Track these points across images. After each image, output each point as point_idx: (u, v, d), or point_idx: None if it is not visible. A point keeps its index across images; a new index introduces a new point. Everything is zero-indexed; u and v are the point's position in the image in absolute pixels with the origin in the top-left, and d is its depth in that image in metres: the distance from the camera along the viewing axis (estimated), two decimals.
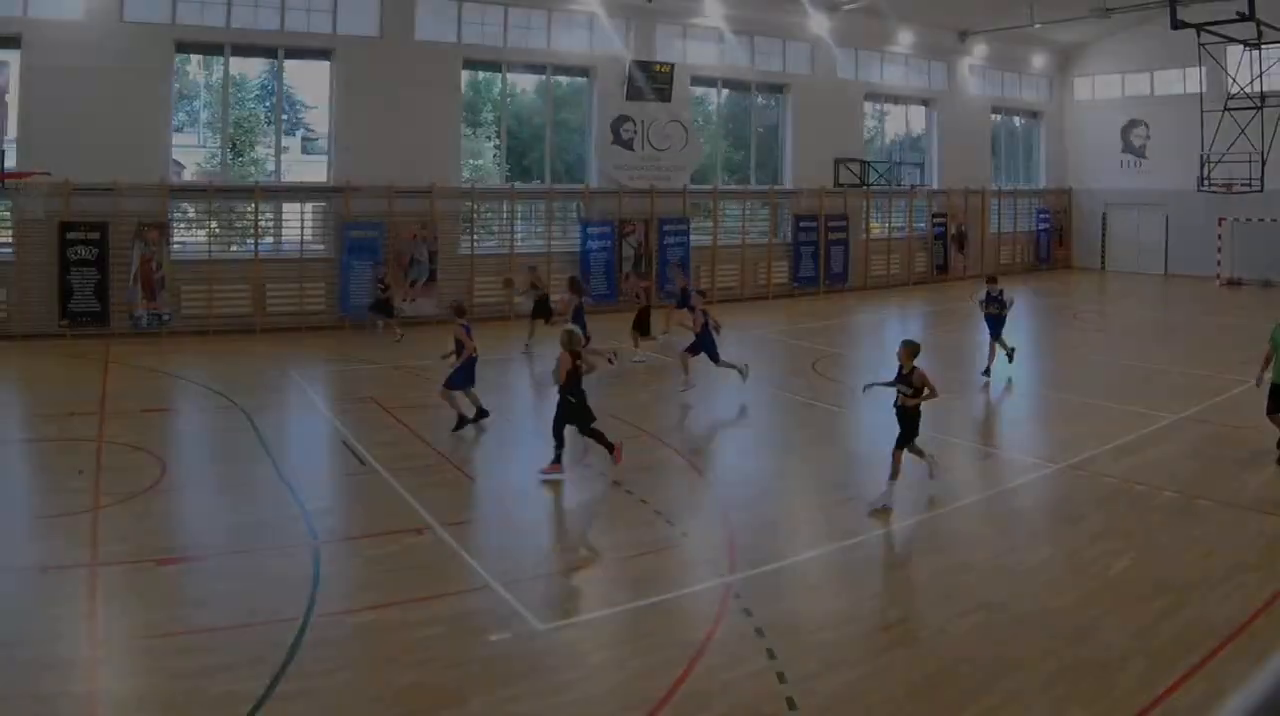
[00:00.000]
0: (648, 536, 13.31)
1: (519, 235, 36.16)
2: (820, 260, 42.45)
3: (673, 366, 23.79)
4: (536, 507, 15.10)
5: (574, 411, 15.82)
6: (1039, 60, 51.16)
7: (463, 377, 18.80)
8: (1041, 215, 52.06)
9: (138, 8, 29.71)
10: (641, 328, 27.40)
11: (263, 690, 8.99)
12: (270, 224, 32.53)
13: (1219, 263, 46.57)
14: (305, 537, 13.13)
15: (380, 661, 9.81)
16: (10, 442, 17.92)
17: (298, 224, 32.44)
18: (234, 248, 31.97)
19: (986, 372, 23.88)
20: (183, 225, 31.92)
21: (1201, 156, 42.68)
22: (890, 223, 46.46)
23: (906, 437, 14.62)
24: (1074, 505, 14.94)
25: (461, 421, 18.52)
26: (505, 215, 36.00)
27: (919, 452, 14.85)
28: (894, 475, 14.35)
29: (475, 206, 35.32)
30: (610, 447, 15.84)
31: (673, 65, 38.09)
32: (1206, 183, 42.86)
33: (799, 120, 42.64)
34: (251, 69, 35.90)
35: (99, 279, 28.83)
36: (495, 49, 35.53)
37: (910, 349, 14.75)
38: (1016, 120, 52.79)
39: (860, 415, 19.95)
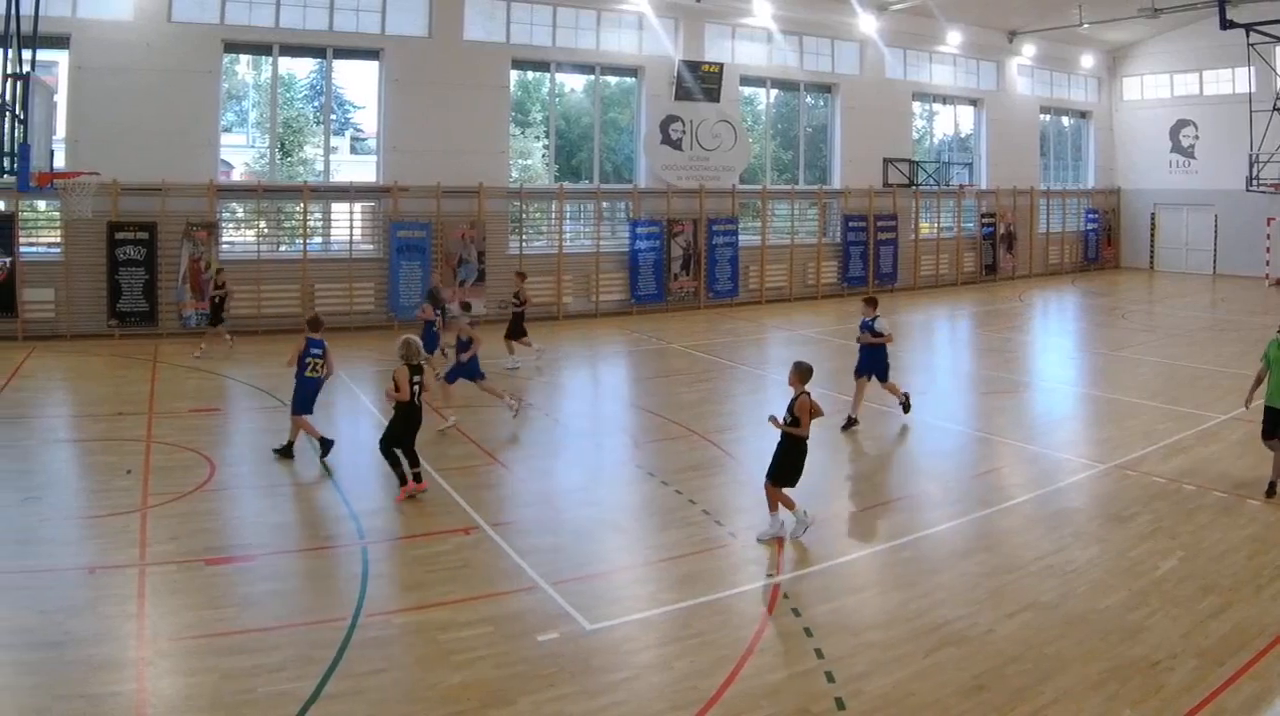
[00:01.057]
0: (696, 536, 13.03)
1: (568, 235, 35.03)
2: (869, 260, 41.15)
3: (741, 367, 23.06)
4: (585, 508, 14.55)
5: (392, 426, 14.67)
6: (1088, 60, 49.50)
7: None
8: (1090, 215, 50.44)
9: (186, 8, 28.90)
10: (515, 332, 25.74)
11: (312, 690, 8.88)
12: (319, 224, 31.64)
13: (1268, 262, 45.15)
14: (353, 538, 12.88)
15: (428, 661, 9.58)
16: (59, 442, 17.47)
17: (346, 224, 31.53)
18: (283, 247, 31.12)
19: (850, 423, 18.54)
20: (231, 225, 31.15)
21: (1250, 156, 41.48)
22: (939, 222, 45.08)
23: (776, 473, 12.94)
24: (1122, 505, 14.47)
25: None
26: (554, 215, 34.84)
27: (789, 503, 12.97)
28: (774, 507, 12.92)
29: (524, 206, 34.30)
30: (402, 480, 14.41)
31: (721, 65, 36.90)
32: (1256, 182, 41.63)
33: (848, 120, 41.29)
34: (300, 69, 35.10)
35: (147, 279, 28.03)
36: (544, 49, 34.52)
37: (800, 372, 13.16)
38: (1065, 120, 51.12)
39: (910, 415, 19.33)
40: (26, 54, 19.08)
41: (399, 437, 14.56)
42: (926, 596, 11.14)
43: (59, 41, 27.05)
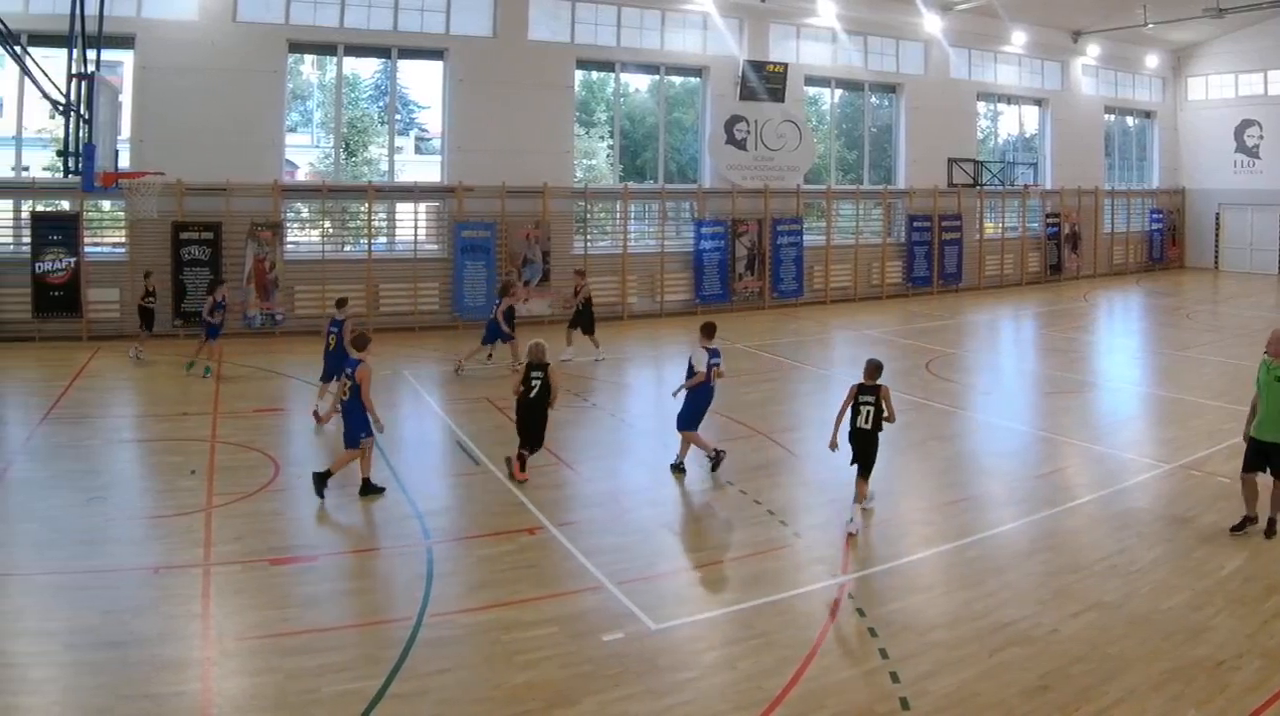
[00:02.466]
0: (761, 536, 12.63)
1: (632, 235, 33.44)
2: (934, 260, 39.21)
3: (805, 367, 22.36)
4: (650, 508, 13.94)
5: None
6: (1152, 60, 47.00)
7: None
8: (1154, 215, 47.98)
9: (251, 7, 27.71)
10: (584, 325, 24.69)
11: (377, 689, 8.64)
12: (383, 224, 30.34)
13: None
14: (418, 537, 12.45)
15: (493, 661, 9.30)
16: (124, 443, 16.80)
17: (411, 224, 30.31)
18: (347, 248, 29.89)
19: (678, 468, 15.32)
20: (296, 225, 29.95)
21: None
22: (1003, 222, 43.01)
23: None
24: (1186, 505, 13.97)
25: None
26: (618, 215, 33.29)
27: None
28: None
29: (589, 206, 32.78)
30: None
31: (786, 65, 35.19)
32: None
33: (912, 120, 39.27)
34: (365, 69, 33.83)
35: (212, 279, 26.45)
36: (608, 49, 32.97)
37: (873, 367, 13.38)
38: (1129, 120, 48.63)
39: (974, 415, 19.30)
40: (91, 54, 18.42)
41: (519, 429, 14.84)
42: (991, 596, 10.76)
43: (124, 41, 26.01)
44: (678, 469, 15.20)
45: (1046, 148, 44.35)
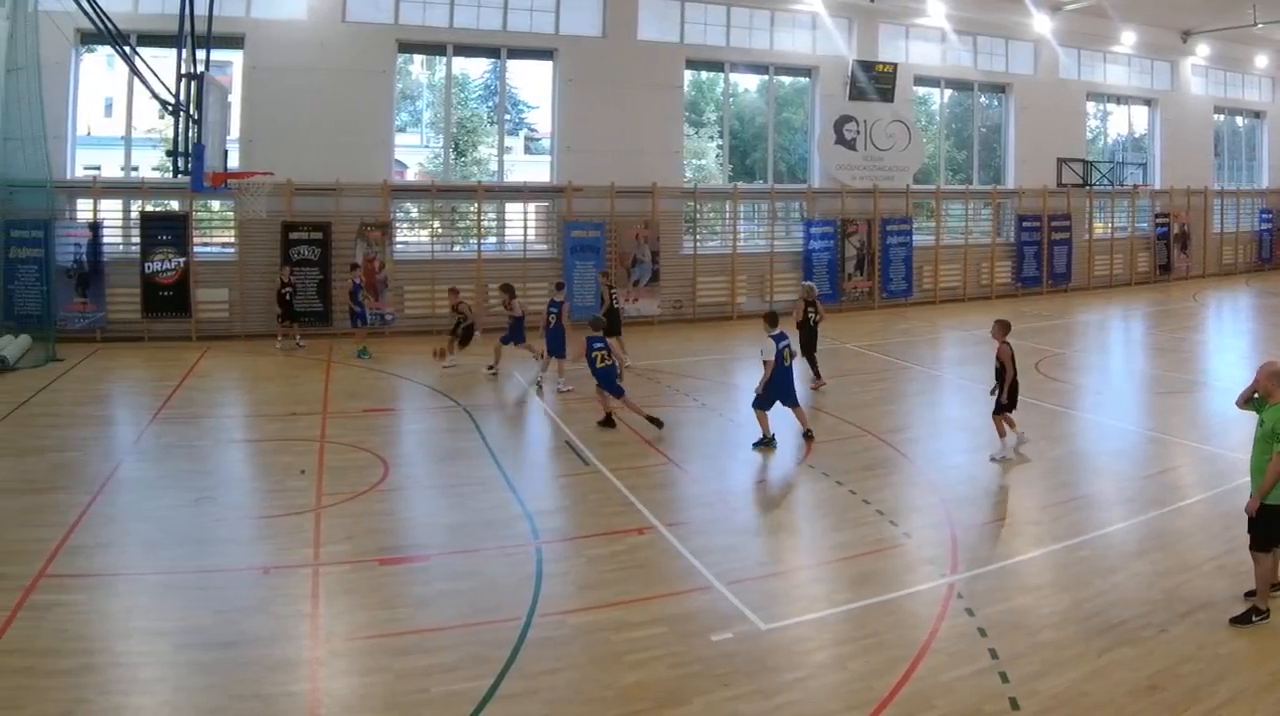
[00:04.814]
0: (870, 536, 11.71)
1: (742, 235, 30.44)
2: (1043, 260, 35.43)
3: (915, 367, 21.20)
4: (759, 508, 13.30)
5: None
6: (1262, 60, 42.24)
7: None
8: (1264, 215, 43.26)
9: (360, 7, 25.29)
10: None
11: (486, 689, 8.02)
12: (493, 224, 27.69)
13: None
14: (528, 537, 11.60)
15: (602, 661, 8.60)
16: (234, 443, 15.90)
17: (520, 224, 27.87)
18: (457, 247, 27.35)
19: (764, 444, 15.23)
20: (405, 225, 27.50)
21: None
22: (1113, 222, 39.01)
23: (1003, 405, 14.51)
24: None
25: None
26: (728, 215, 30.15)
27: (1012, 424, 14.62)
28: (1002, 433, 14.44)
29: (698, 206, 29.75)
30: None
31: (895, 65, 31.84)
32: None
33: (1022, 120, 35.39)
34: (474, 69, 31.24)
35: (321, 279, 24.46)
36: (717, 48, 29.92)
37: (1002, 326, 14.59)
38: (1239, 120, 44.01)
39: (1084, 415, 17.83)
40: (201, 54, 17.29)
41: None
42: (1100, 596, 9.92)
43: (234, 41, 23.94)
44: (764, 444, 15.03)
45: (1155, 148, 40.01)
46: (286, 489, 13.18)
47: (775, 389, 15.02)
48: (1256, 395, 9.72)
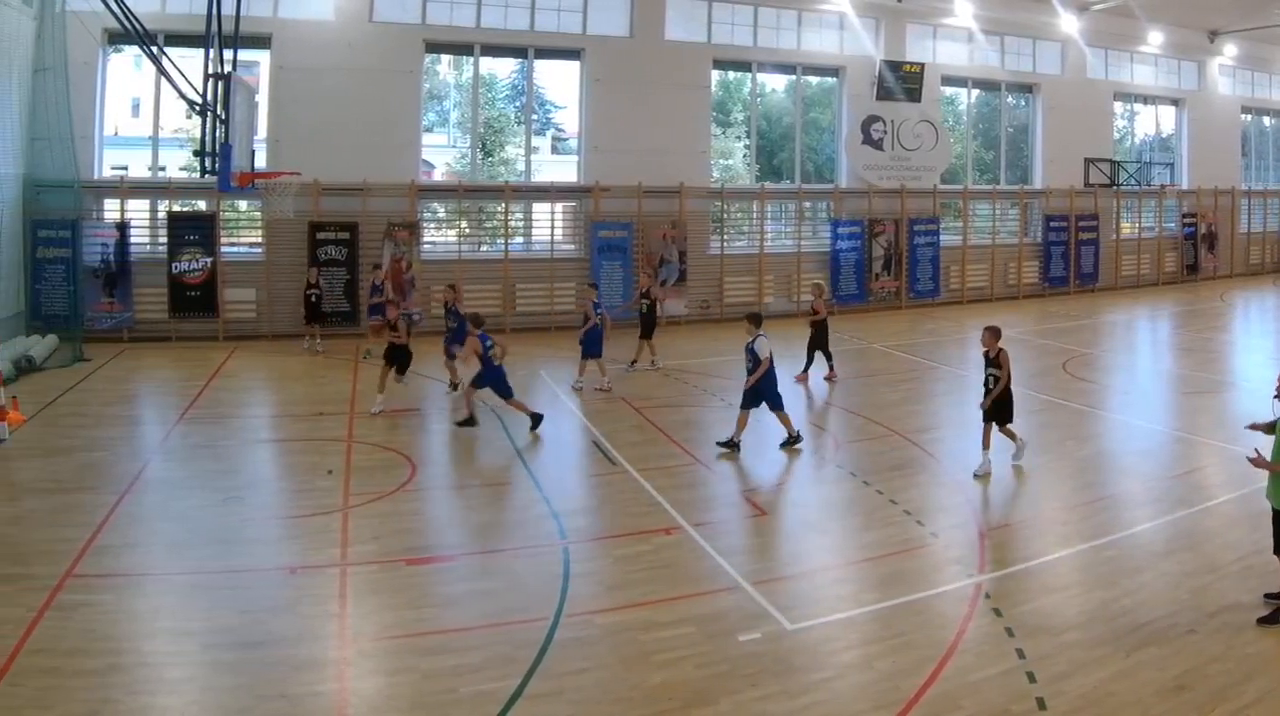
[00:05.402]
0: (897, 536, 11.42)
1: (769, 235, 29.59)
2: (1070, 260, 34.44)
3: (942, 368, 20.89)
4: (786, 508, 12.90)
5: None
6: None
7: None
8: None
9: (387, 8, 24.61)
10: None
11: (513, 689, 7.81)
12: (520, 224, 27.01)
13: None
14: (555, 537, 11.34)
15: (630, 661, 8.37)
16: (261, 443, 15.51)
17: (548, 224, 27.01)
18: (484, 247, 26.55)
19: (790, 443, 14.95)
20: (432, 225, 26.76)
21: None
22: (1140, 222, 37.85)
23: (995, 416, 13.48)
24: None
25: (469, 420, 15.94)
26: (755, 215, 29.30)
27: (1012, 435, 13.64)
28: (986, 445, 13.45)
29: (725, 206, 28.84)
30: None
31: (923, 65, 30.91)
32: None
33: (1049, 120, 34.41)
34: (501, 69, 30.43)
35: (348, 279, 23.79)
36: (745, 48, 29.10)
37: (992, 332, 13.52)
38: (1266, 120, 42.83)
39: (1111, 415, 17.43)
40: (228, 54, 16.71)
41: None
42: (1127, 596, 9.68)
43: (261, 41, 23.31)
44: (790, 443, 14.66)
45: (1183, 147, 38.94)
46: (314, 489, 12.86)
47: (766, 390, 14.57)
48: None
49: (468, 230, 27.03)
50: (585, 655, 8.48)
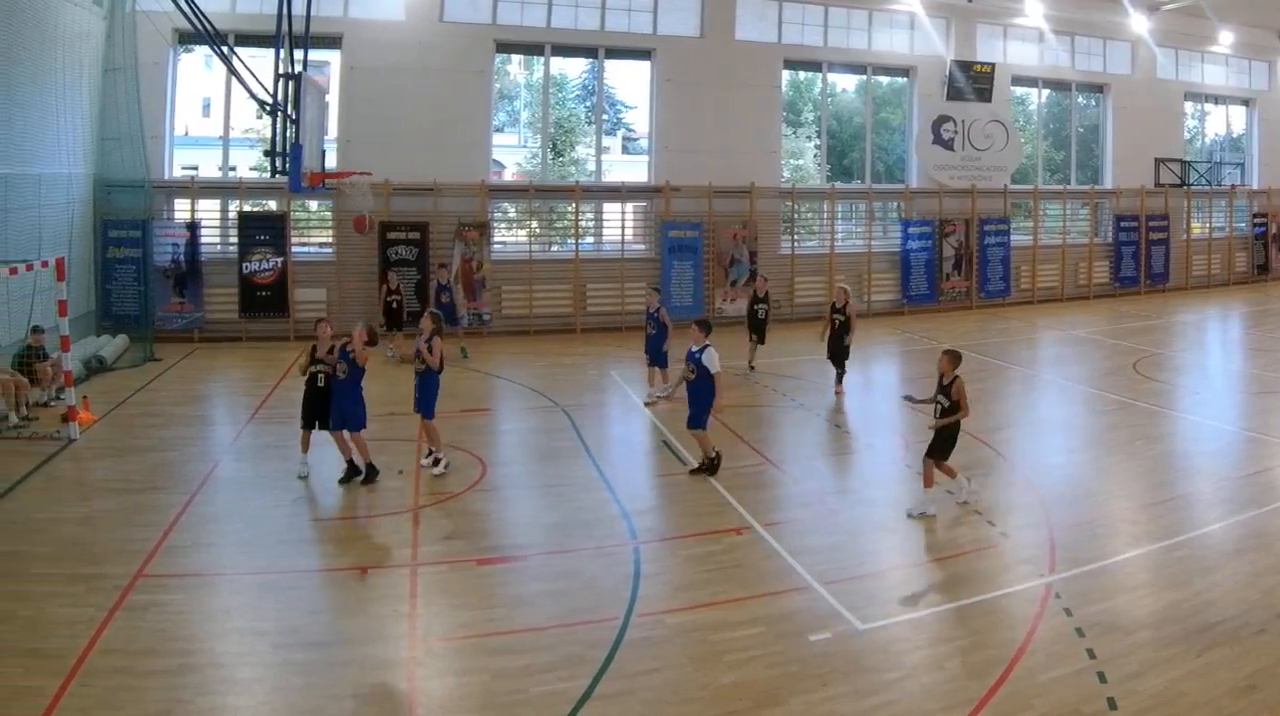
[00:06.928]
0: (968, 536, 10.72)
1: (839, 235, 27.60)
2: (1141, 260, 31.95)
3: (1013, 367, 20.05)
4: (857, 508, 11.93)
5: None
6: None
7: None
8: None
9: (458, 8, 22.96)
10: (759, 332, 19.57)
11: (584, 689, 7.38)
12: (590, 224, 25.17)
13: None
14: (625, 537, 10.69)
15: (700, 661, 7.85)
16: (330, 443, 13.49)
17: (618, 224, 25.33)
18: (554, 248, 24.87)
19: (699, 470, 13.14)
20: (503, 225, 25.04)
21: None
22: (1210, 222, 35.35)
23: (936, 451, 11.32)
24: None
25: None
26: (825, 215, 27.31)
27: (950, 472, 11.50)
28: (929, 483, 11.38)
29: (795, 206, 26.84)
30: None
31: (993, 65, 28.71)
32: None
33: (1119, 120, 31.94)
34: (572, 69, 28.66)
35: (419, 279, 22.15)
36: (815, 48, 27.04)
37: (951, 358, 11.38)
38: None
39: (1182, 415, 16.54)
40: (299, 54, 16.04)
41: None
42: (1198, 596, 9.03)
43: (331, 41, 21.81)
44: (701, 470, 12.78)
45: (1254, 147, 36.10)
46: (384, 489, 12.19)
47: (697, 407, 12.77)
48: None
49: (538, 230, 25.32)
50: (655, 655, 8.08)
